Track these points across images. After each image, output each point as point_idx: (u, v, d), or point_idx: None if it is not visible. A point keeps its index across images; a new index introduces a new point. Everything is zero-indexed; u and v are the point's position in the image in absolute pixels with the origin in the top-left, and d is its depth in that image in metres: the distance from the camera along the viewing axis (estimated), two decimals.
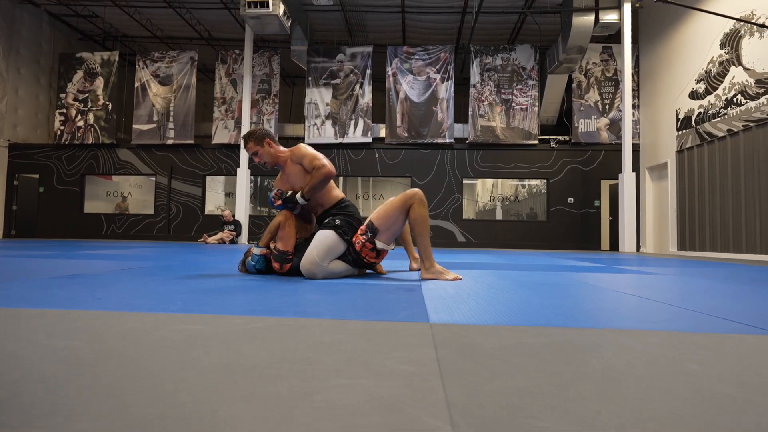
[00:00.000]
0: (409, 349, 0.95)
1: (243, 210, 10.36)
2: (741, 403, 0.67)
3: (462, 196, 11.39)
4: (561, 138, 11.29)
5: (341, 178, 11.82)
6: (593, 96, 11.10)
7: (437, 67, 11.39)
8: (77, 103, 12.10)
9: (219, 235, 10.09)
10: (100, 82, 12.10)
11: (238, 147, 11.29)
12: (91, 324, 1.16)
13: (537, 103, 11.21)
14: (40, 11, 11.76)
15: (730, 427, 0.58)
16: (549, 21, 10.90)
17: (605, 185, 11.28)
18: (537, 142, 11.17)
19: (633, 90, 10.69)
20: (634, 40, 10.39)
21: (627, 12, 9.11)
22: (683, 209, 8.97)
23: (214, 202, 12.45)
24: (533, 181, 11.57)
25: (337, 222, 2.51)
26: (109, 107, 12.02)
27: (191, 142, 11.73)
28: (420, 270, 2.68)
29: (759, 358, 0.95)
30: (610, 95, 11.07)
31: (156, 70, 11.97)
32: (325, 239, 2.43)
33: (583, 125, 11.04)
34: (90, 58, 12.22)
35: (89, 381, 0.72)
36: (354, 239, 2.51)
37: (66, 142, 12.01)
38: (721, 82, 7.92)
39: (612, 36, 10.81)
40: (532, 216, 11.59)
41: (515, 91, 11.24)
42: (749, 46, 7.34)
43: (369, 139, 11.37)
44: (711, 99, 8.18)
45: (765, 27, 6.84)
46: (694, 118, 8.66)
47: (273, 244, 2.58)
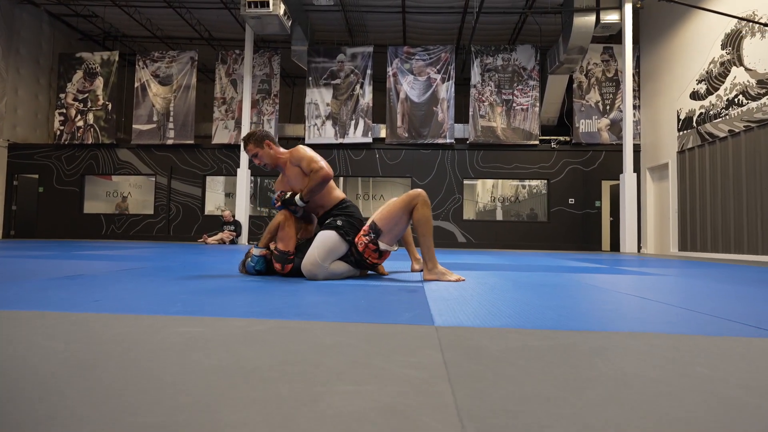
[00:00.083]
0: (414, 352, 0.94)
1: (243, 210, 10.35)
2: (750, 407, 0.67)
3: (462, 196, 11.37)
4: (562, 138, 11.28)
5: (341, 178, 11.81)
6: (594, 96, 11.09)
7: (438, 68, 11.39)
8: (77, 103, 12.09)
9: (219, 236, 10.08)
10: (99, 82, 12.10)
11: (238, 147, 11.28)
12: (91, 326, 1.15)
13: (538, 104, 11.20)
14: (39, 11, 11.75)
15: None
16: (550, 21, 10.90)
17: (606, 186, 11.26)
18: (537, 142, 11.16)
19: (634, 90, 10.68)
20: (635, 40, 10.38)
21: (628, 12, 9.10)
22: (684, 210, 8.96)
23: (214, 202, 12.44)
24: (534, 182, 11.56)
25: (339, 222, 2.50)
26: (109, 107, 12.01)
27: (191, 142, 11.72)
28: (422, 271, 2.66)
29: (766, 360, 0.94)
30: (610, 96, 11.06)
31: (156, 70, 11.96)
32: (327, 240, 2.42)
33: (584, 126, 11.03)
34: (90, 58, 12.21)
35: (89, 383, 0.71)
36: (357, 240, 2.49)
37: (66, 142, 12.00)
38: (723, 82, 7.91)
39: (613, 36, 10.80)
40: (532, 216, 11.58)
41: (516, 92, 11.23)
42: (751, 46, 7.33)
43: (369, 140, 11.36)
44: (712, 99, 8.17)
45: (766, 27, 6.83)
46: (695, 118, 8.65)
47: (273, 244, 2.57)
